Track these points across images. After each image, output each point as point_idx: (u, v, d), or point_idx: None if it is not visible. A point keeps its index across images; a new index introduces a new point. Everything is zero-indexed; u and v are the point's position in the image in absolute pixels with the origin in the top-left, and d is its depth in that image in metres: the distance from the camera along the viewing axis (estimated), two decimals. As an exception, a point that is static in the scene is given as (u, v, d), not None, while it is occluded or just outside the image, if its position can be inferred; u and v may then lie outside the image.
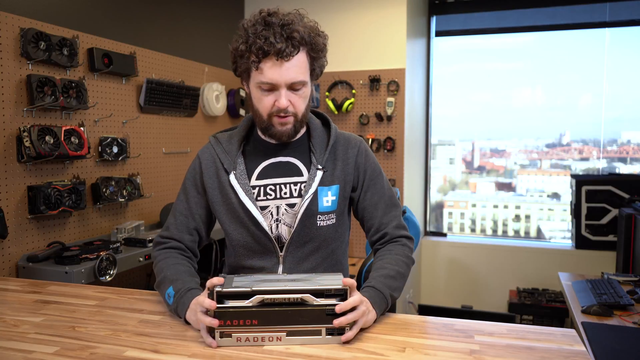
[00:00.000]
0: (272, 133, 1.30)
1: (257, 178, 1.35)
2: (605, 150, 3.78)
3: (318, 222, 1.32)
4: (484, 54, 4.04)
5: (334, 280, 1.09)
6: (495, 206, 4.19)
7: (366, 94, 3.36)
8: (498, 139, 4.25)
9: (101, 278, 1.90)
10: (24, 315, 1.25)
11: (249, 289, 1.04)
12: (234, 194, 1.32)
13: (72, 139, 2.05)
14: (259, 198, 1.33)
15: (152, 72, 2.64)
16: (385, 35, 3.28)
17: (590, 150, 3.88)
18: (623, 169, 3.79)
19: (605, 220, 3.38)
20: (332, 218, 1.34)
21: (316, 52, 1.26)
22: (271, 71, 1.21)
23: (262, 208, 1.32)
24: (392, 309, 1.62)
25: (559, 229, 4.00)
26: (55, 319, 1.23)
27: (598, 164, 3.80)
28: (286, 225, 1.33)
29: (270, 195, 1.33)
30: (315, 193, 1.31)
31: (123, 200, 2.35)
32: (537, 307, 3.38)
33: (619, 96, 3.64)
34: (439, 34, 3.94)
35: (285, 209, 1.33)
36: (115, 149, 2.34)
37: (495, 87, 4.03)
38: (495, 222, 4.20)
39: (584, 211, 3.40)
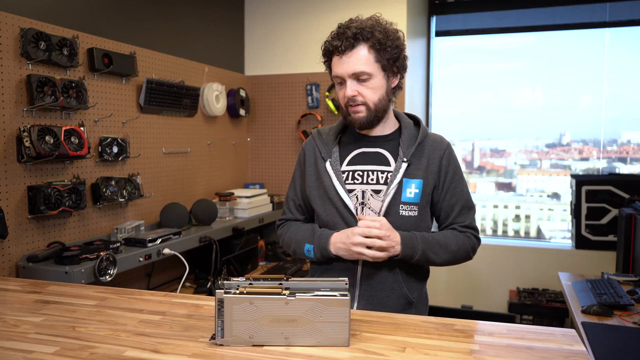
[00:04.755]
0: (349, 121, 1.45)
1: (348, 164, 1.48)
2: (605, 150, 3.78)
3: (401, 211, 1.42)
4: (484, 54, 4.04)
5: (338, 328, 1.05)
6: (495, 206, 4.19)
7: (366, 94, 3.36)
8: (498, 139, 4.25)
9: (101, 278, 1.90)
10: (24, 315, 1.25)
11: (247, 338, 1.04)
12: (328, 178, 1.46)
13: (72, 139, 2.05)
14: (347, 182, 1.45)
15: (152, 72, 2.63)
16: (385, 35, 3.28)
17: (590, 150, 3.88)
18: (623, 169, 3.79)
19: (605, 220, 3.37)
20: (414, 210, 1.43)
21: (374, 44, 1.36)
22: (336, 66, 1.40)
23: (349, 191, 1.44)
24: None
25: (559, 229, 4.00)
26: (55, 319, 1.23)
27: (598, 164, 3.80)
28: (372, 210, 1.43)
29: (357, 180, 1.45)
30: (400, 183, 1.42)
31: (123, 200, 2.35)
32: (537, 307, 3.38)
33: (619, 96, 3.64)
34: (439, 34, 3.94)
35: (371, 194, 1.43)
36: (115, 149, 2.34)
37: (495, 87, 4.03)
38: (495, 222, 4.20)
39: (584, 211, 3.40)
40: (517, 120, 4.02)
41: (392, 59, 1.40)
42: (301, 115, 3.51)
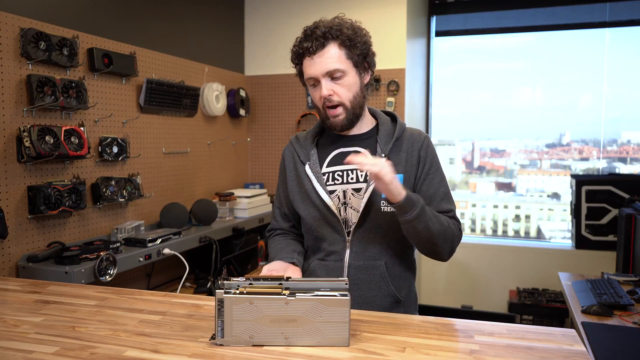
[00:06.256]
0: (329, 125, 1.44)
1: (327, 165, 1.48)
2: (605, 150, 3.78)
3: (382, 207, 1.40)
4: (484, 54, 4.04)
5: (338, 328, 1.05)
6: (495, 206, 4.19)
7: (366, 94, 3.36)
8: (498, 139, 4.25)
9: (101, 278, 1.90)
10: (24, 315, 1.25)
11: (247, 338, 1.04)
12: (308, 181, 1.46)
13: (72, 139, 2.05)
14: (327, 183, 1.45)
15: (152, 72, 2.63)
16: (385, 35, 3.28)
17: (590, 150, 3.88)
18: (623, 169, 3.79)
19: (605, 220, 3.37)
20: None
21: (344, 41, 1.36)
22: (308, 67, 1.39)
23: (330, 192, 1.44)
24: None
25: (559, 229, 4.00)
26: (55, 319, 1.23)
27: (598, 164, 3.80)
28: (353, 210, 1.42)
29: (338, 180, 1.45)
30: None
31: (123, 200, 2.35)
32: (537, 307, 3.38)
33: (619, 96, 3.64)
34: (439, 34, 3.94)
35: (352, 194, 1.43)
36: (115, 149, 2.34)
37: (495, 87, 4.03)
38: (495, 222, 4.20)
39: (584, 211, 3.40)
40: (517, 120, 4.02)
41: (362, 54, 1.40)
42: (301, 115, 3.51)
